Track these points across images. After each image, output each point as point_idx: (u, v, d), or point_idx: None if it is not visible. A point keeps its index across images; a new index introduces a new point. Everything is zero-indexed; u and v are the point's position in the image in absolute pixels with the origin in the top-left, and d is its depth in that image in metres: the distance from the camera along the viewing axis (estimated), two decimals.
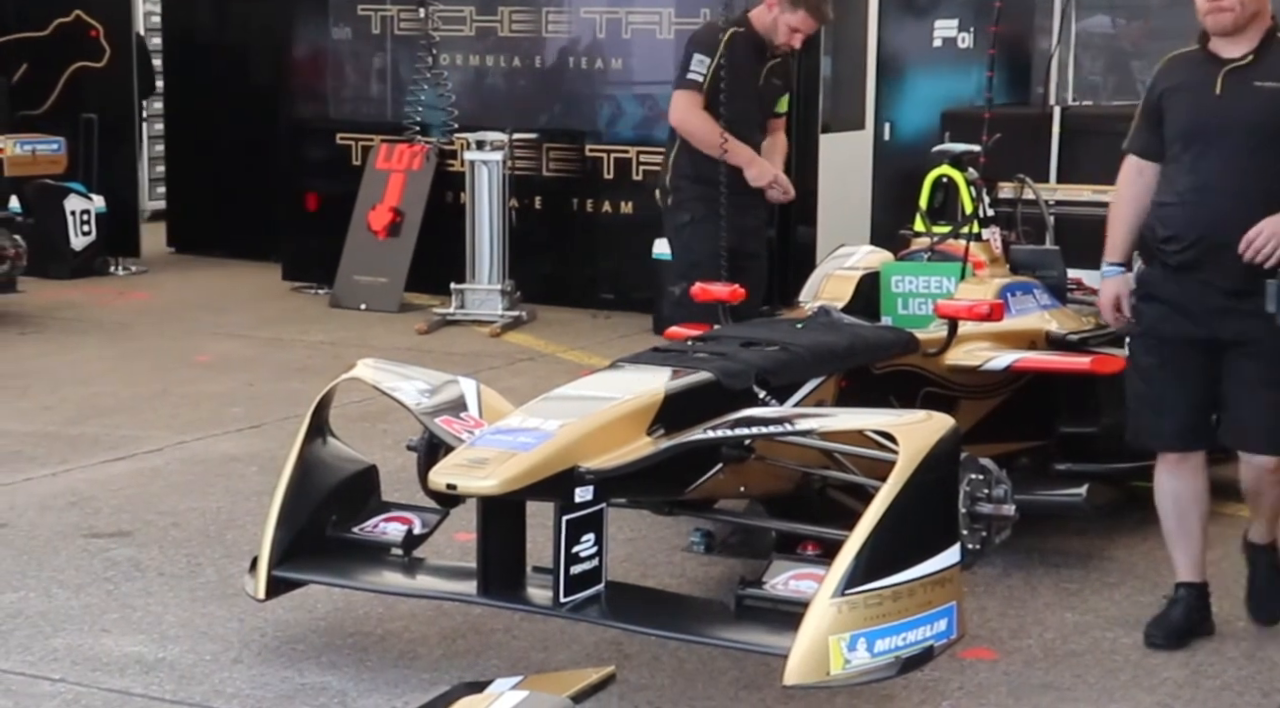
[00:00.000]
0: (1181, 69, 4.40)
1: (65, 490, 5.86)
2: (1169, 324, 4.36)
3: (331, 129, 10.45)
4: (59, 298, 9.78)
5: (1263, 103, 4.24)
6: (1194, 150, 4.31)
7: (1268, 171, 4.22)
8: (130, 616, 4.62)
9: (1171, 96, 4.37)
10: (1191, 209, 4.30)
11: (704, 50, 6.16)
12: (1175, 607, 4.51)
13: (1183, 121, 4.34)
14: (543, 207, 9.83)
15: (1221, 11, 4.24)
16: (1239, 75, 4.27)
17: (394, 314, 9.47)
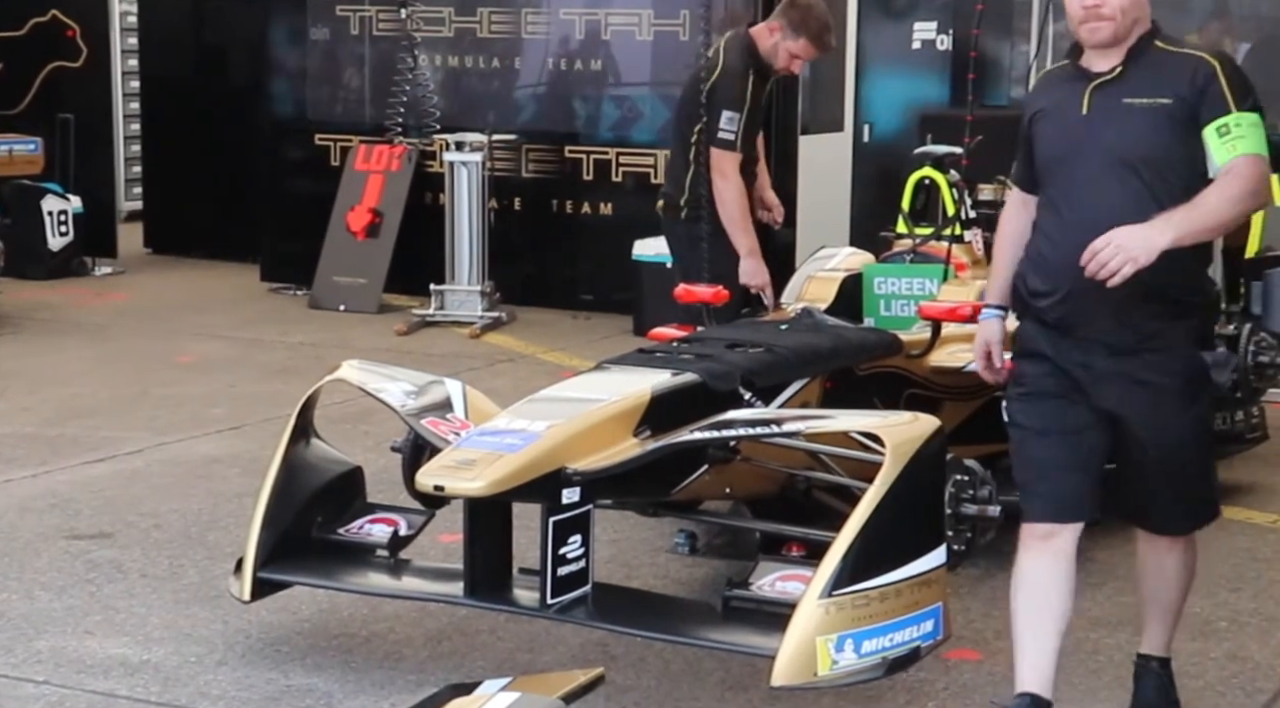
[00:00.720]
0: (1052, 87, 3.78)
1: (45, 492, 5.84)
2: (1050, 381, 3.68)
3: (310, 130, 10.43)
4: (36, 299, 9.74)
5: (1133, 124, 3.57)
6: (1059, 183, 3.66)
7: (1144, 206, 3.51)
8: (113, 618, 4.61)
9: (1039, 120, 3.73)
10: (1060, 255, 3.59)
11: (733, 107, 5.99)
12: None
13: (1046, 149, 3.69)
14: (522, 207, 9.83)
15: (1100, 20, 3.59)
16: (1107, 92, 3.60)
17: (373, 315, 9.46)
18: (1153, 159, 3.56)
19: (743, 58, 6.05)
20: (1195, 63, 3.59)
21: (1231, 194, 3.52)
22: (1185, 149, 3.55)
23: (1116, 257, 3.39)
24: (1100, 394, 3.62)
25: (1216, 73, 3.56)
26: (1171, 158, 3.56)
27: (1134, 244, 3.40)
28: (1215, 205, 3.50)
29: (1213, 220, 3.53)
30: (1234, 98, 3.54)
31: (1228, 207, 3.53)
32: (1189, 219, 3.47)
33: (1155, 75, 3.59)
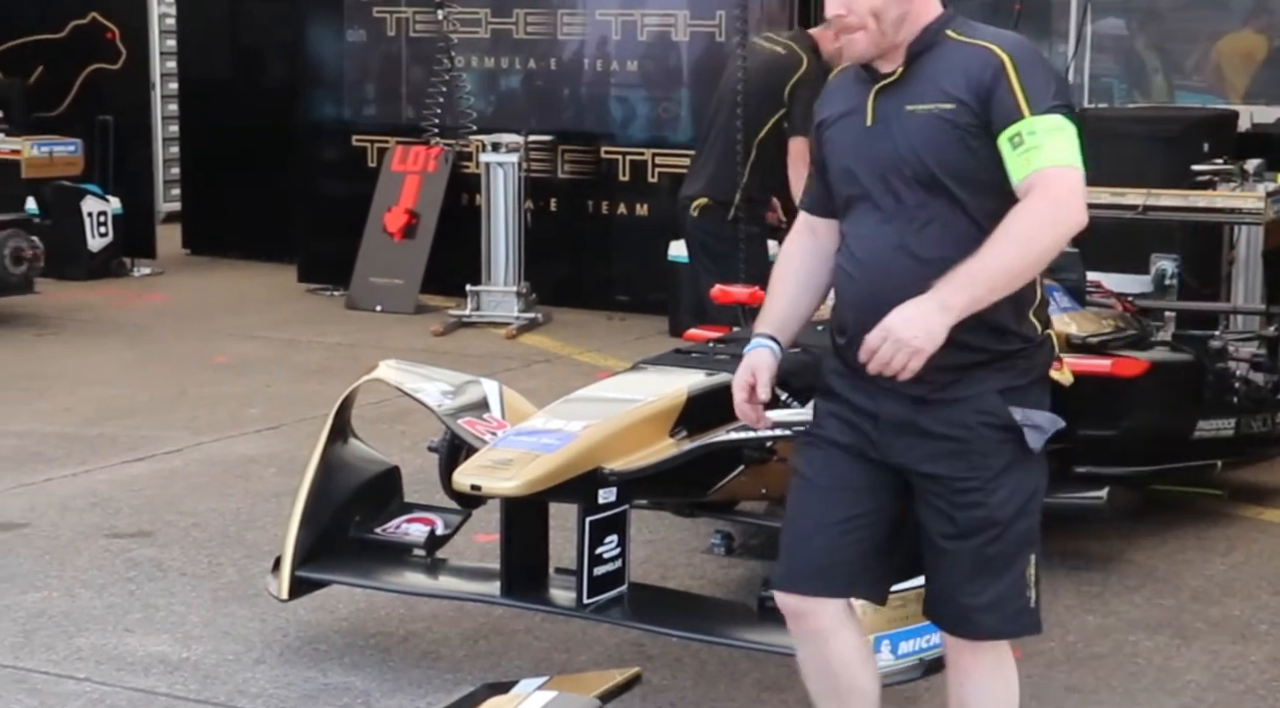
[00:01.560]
0: (841, 91, 3.13)
1: (86, 491, 5.88)
2: (837, 425, 3.07)
3: (347, 131, 10.47)
4: (76, 299, 9.80)
5: (918, 136, 2.94)
6: (851, 205, 3.06)
7: (937, 233, 2.93)
8: (153, 616, 4.64)
9: (827, 130, 3.11)
10: (850, 294, 3.06)
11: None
12: None
13: (835, 166, 3.09)
14: (558, 208, 9.84)
15: (850, 32, 2.99)
16: (890, 98, 3.00)
17: (409, 316, 9.48)
18: (954, 176, 2.92)
19: (818, 57, 6.23)
20: (983, 57, 2.93)
21: (1026, 230, 2.81)
22: (981, 163, 2.89)
23: (898, 354, 2.79)
24: (888, 448, 3.00)
25: (1005, 68, 2.90)
26: (970, 175, 2.91)
27: (911, 333, 2.78)
28: (1004, 254, 2.81)
29: (1005, 276, 2.83)
30: (1027, 98, 2.86)
31: (1023, 249, 2.82)
32: (975, 281, 2.80)
33: (939, 75, 2.95)
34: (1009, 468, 2.96)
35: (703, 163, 6.64)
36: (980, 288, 2.81)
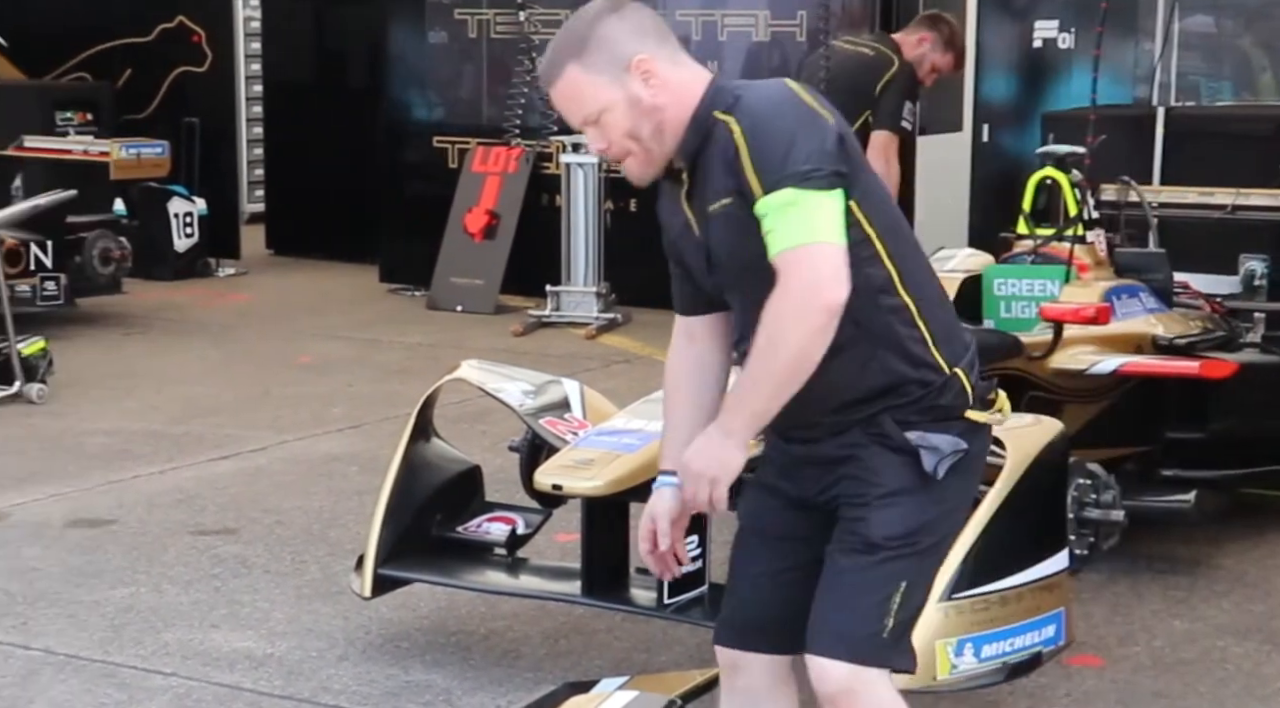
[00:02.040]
0: (667, 200, 2.85)
1: (172, 488, 5.95)
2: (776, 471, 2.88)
3: (428, 132, 10.53)
4: (162, 299, 9.93)
5: (720, 235, 2.69)
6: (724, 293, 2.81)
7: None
8: (238, 612, 4.69)
9: (674, 238, 2.85)
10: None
11: (914, 100, 6.53)
12: None
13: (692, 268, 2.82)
14: (638, 209, 9.82)
15: (620, 160, 2.78)
16: (694, 201, 2.74)
17: (490, 316, 9.52)
18: (765, 270, 2.61)
19: (903, 58, 6.47)
20: (725, 137, 2.63)
21: (775, 333, 2.56)
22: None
23: (700, 492, 2.66)
24: (804, 484, 2.82)
25: (738, 146, 2.60)
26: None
27: (703, 466, 2.64)
28: (765, 364, 2.58)
29: (773, 385, 2.59)
30: (759, 175, 2.57)
31: (779, 352, 2.56)
32: (744, 401, 2.62)
33: (713, 167, 2.67)
34: (901, 492, 2.70)
35: None
36: (756, 403, 2.61)
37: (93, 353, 8.35)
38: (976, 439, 2.78)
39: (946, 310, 2.83)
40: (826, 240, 2.56)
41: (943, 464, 2.70)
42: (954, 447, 2.72)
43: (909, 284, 2.71)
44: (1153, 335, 5.40)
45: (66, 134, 10.70)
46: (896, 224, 2.74)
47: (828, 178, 2.57)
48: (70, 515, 5.59)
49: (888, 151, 6.39)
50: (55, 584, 4.90)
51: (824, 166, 2.58)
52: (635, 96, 2.67)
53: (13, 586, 4.88)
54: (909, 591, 2.72)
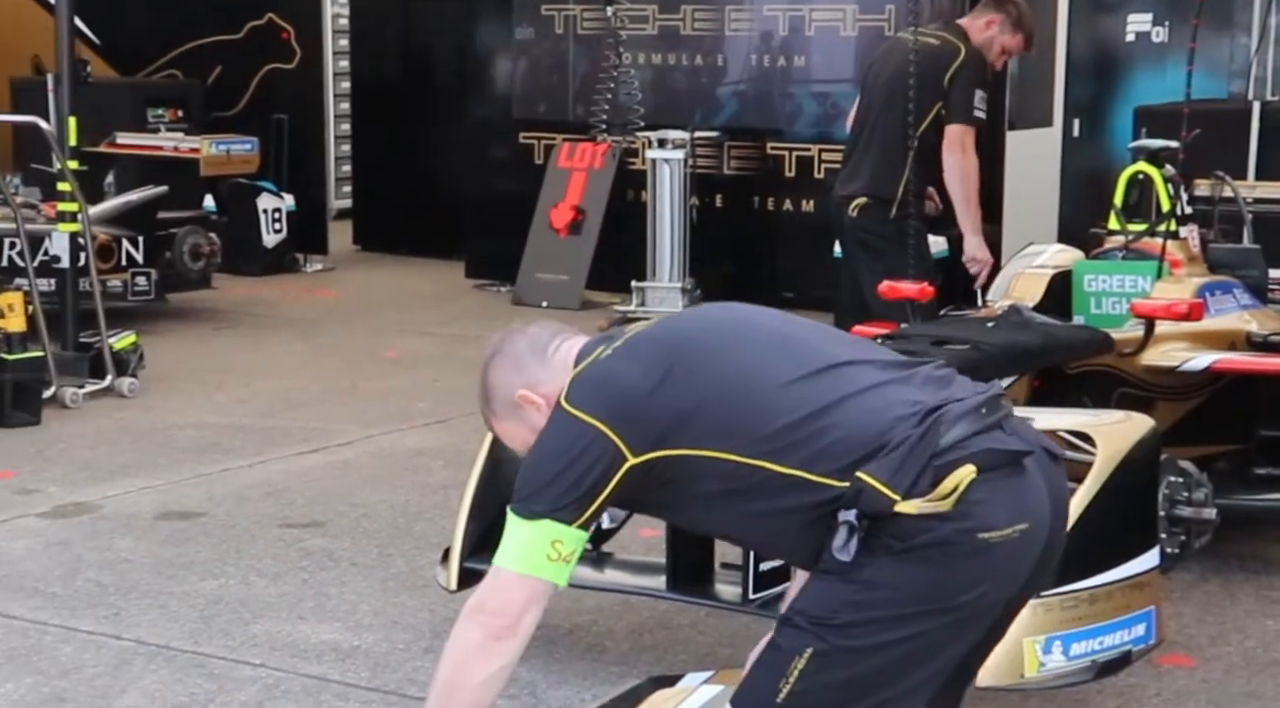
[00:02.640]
0: None
1: (260, 482, 6.01)
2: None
3: (514, 128, 10.57)
4: (251, 294, 10.03)
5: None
6: None
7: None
8: (325, 604, 4.72)
9: None
10: None
11: (985, 87, 6.40)
12: None
13: None
14: (724, 205, 9.83)
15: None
16: None
17: (575, 312, 9.54)
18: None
19: (970, 44, 6.36)
20: None
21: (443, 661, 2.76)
22: None
23: None
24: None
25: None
26: None
27: None
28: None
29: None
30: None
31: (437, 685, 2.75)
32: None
33: None
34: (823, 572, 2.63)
35: (858, 161, 6.60)
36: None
37: (182, 347, 8.45)
38: (925, 527, 2.53)
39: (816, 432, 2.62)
40: (509, 568, 2.72)
41: (850, 545, 2.55)
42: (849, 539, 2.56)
43: (754, 452, 2.63)
44: (1246, 332, 5.32)
45: (158, 131, 10.84)
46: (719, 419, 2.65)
47: (525, 505, 2.71)
48: (161, 508, 5.66)
49: (964, 144, 6.30)
50: (146, 576, 4.96)
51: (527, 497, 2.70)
52: (535, 426, 2.83)
53: (105, 577, 4.95)
54: (817, 663, 2.57)
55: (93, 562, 5.09)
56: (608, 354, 2.78)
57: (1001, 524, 2.56)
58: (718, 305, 3.04)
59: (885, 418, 2.62)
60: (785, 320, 2.85)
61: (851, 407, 2.64)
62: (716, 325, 2.85)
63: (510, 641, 2.68)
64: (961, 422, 2.59)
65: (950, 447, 2.56)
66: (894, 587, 2.56)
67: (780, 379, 2.67)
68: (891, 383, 2.70)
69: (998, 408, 2.66)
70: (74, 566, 5.05)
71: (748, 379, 2.69)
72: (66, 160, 7.54)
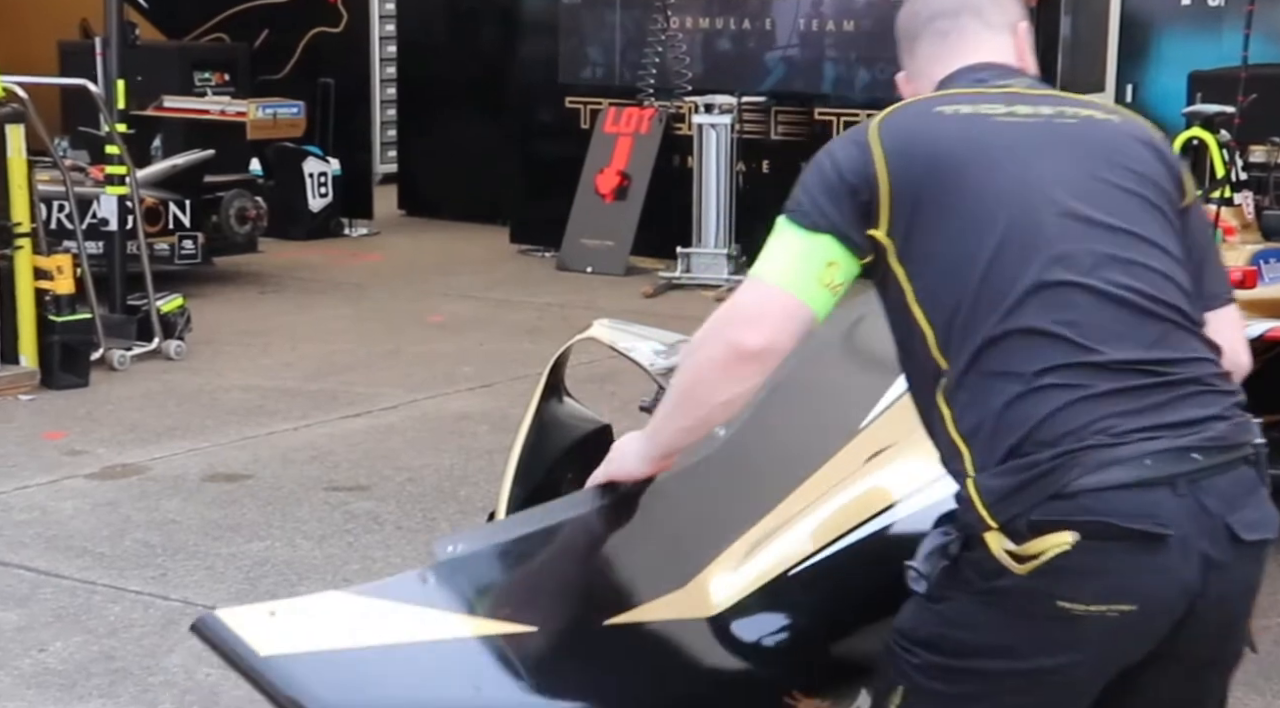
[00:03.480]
0: None
1: (306, 445, 6.02)
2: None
3: (560, 93, 10.53)
4: (296, 258, 10.05)
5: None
6: None
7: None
8: (370, 567, 4.73)
9: None
10: None
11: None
12: None
13: None
14: (770, 170, 9.77)
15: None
16: None
17: (620, 277, 9.52)
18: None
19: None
20: None
21: (687, 353, 2.43)
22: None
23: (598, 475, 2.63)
24: None
25: None
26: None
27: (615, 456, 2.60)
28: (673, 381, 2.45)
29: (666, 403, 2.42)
30: None
31: (678, 375, 2.42)
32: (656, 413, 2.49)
33: None
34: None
35: None
36: (658, 418, 2.44)
37: (229, 311, 8.48)
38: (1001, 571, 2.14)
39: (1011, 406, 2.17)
40: (764, 279, 2.29)
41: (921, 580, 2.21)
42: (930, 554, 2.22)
43: (958, 383, 2.21)
44: None
45: (204, 94, 10.86)
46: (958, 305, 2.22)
47: (806, 215, 2.29)
48: (207, 470, 5.68)
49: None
50: (193, 537, 4.98)
51: (804, 204, 2.30)
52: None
53: (153, 537, 4.97)
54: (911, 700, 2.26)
55: (140, 523, 5.11)
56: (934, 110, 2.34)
57: (1087, 599, 2.13)
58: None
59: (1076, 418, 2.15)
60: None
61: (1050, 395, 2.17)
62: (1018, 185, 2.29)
63: (755, 364, 2.28)
64: (1118, 467, 2.12)
65: (1074, 494, 2.11)
66: (971, 628, 2.21)
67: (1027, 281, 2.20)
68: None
69: (1192, 460, 2.16)
70: (122, 526, 5.07)
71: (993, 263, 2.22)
72: (115, 124, 7.55)
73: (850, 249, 2.27)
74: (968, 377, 2.20)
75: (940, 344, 2.24)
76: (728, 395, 2.31)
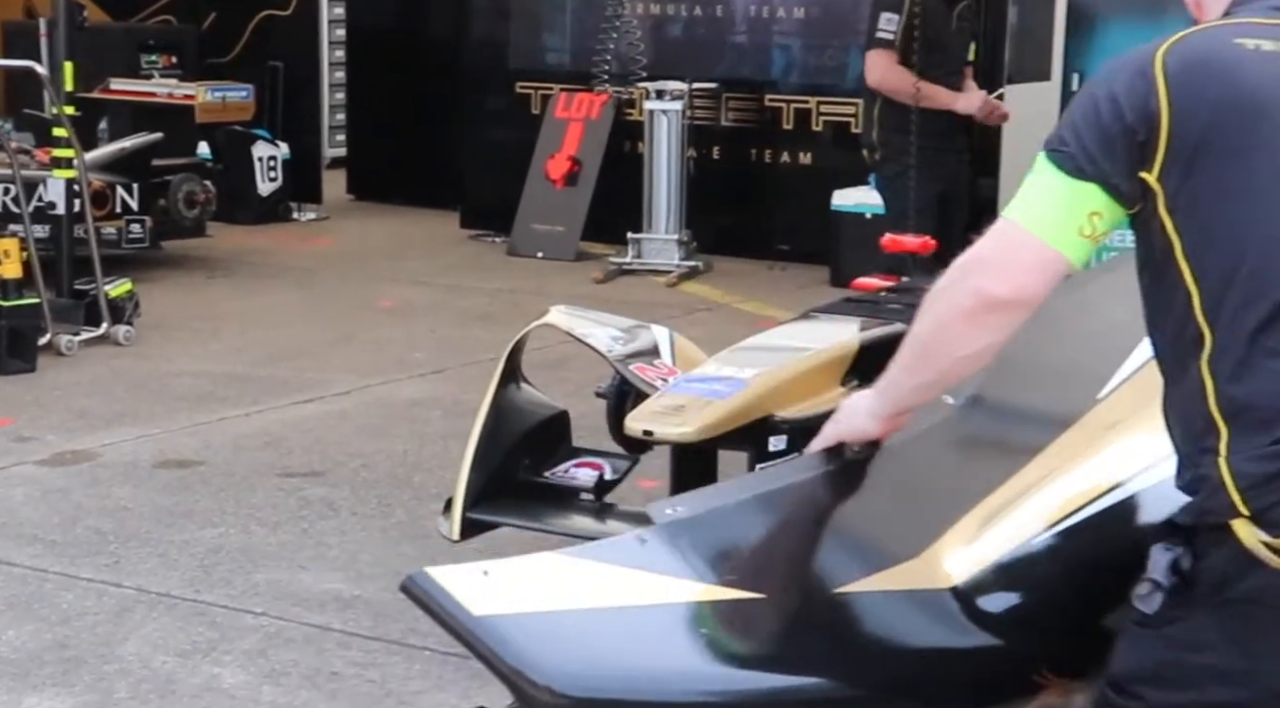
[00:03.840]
0: None
1: (258, 431, 6.00)
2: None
3: (511, 77, 10.51)
4: (245, 243, 9.99)
5: None
6: None
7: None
8: (326, 553, 4.73)
9: None
10: None
11: (891, 7, 6.40)
12: None
13: None
14: (721, 157, 9.80)
15: None
16: None
17: (570, 263, 9.52)
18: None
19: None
20: None
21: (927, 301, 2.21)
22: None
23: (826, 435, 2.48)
24: None
25: None
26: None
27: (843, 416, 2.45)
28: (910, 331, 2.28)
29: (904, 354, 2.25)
30: None
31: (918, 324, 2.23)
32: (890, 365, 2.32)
33: None
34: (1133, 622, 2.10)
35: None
36: (894, 369, 2.28)
37: (177, 296, 8.42)
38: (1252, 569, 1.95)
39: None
40: (1025, 226, 2.08)
41: (1153, 596, 2.01)
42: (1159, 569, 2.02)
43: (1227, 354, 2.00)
44: None
45: (151, 77, 10.77)
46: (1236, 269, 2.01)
47: (1071, 158, 2.08)
48: (159, 456, 5.66)
49: (872, 66, 6.41)
50: (146, 524, 4.96)
51: (1070, 145, 2.09)
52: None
53: (105, 525, 4.95)
54: None
55: (92, 510, 5.08)
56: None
57: None
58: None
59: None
60: None
61: None
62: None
63: (1003, 315, 2.09)
64: None
65: None
66: (1209, 648, 1.99)
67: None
68: None
69: None
70: (73, 513, 5.04)
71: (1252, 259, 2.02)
72: (62, 106, 7.48)
73: (1117, 198, 2.05)
74: (1242, 349, 1.98)
75: (1207, 308, 2.01)
76: (972, 348, 2.13)
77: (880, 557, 2.33)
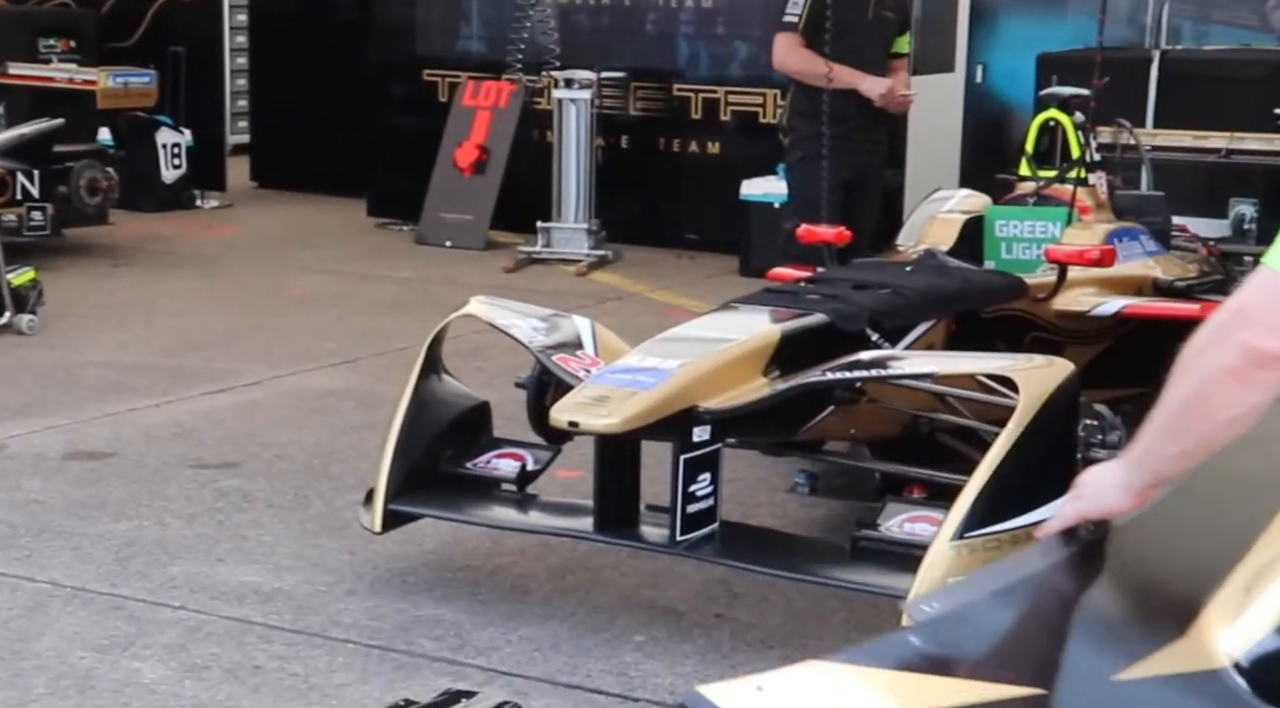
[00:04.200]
0: None
1: (169, 422, 5.94)
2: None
3: (418, 65, 10.46)
4: (149, 231, 9.86)
5: None
6: None
7: None
8: (243, 546, 4.69)
9: None
10: None
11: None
12: None
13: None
14: (629, 146, 9.82)
15: None
16: None
17: (480, 252, 9.50)
18: None
19: None
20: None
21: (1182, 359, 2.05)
22: None
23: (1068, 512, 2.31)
24: None
25: None
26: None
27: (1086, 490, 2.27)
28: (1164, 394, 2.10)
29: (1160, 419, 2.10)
30: None
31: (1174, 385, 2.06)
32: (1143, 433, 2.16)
33: None
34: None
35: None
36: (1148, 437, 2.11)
37: (81, 284, 8.30)
38: None
39: None
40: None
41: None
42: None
43: None
44: (1153, 278, 5.43)
45: (49, 62, 10.57)
46: None
47: None
48: (68, 448, 5.58)
49: (778, 47, 6.51)
50: (58, 517, 4.89)
51: None
52: None
53: (15, 518, 4.87)
54: None
55: (2, 502, 5.01)
56: None
57: None
58: None
59: None
60: None
61: None
62: None
63: (1275, 372, 1.95)
64: None
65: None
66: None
67: None
68: None
69: None
70: None
71: None
72: None
73: None
74: None
75: None
76: (1238, 410, 1.97)
77: (1147, 638, 2.17)
